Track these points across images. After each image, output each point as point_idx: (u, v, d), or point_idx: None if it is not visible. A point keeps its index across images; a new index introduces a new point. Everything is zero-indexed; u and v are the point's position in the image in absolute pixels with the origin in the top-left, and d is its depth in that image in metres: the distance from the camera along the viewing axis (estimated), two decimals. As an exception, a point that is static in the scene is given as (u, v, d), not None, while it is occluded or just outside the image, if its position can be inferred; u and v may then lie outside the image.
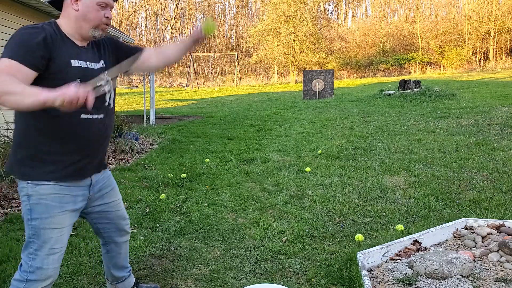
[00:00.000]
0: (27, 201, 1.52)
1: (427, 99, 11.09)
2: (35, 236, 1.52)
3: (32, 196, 1.52)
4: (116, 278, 2.05)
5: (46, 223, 1.53)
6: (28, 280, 1.53)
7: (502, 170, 4.46)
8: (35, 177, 1.52)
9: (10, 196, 3.94)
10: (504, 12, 28.25)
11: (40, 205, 1.52)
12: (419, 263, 2.15)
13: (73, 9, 1.54)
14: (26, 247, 1.55)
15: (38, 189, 1.52)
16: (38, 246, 1.53)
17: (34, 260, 1.53)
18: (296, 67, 29.77)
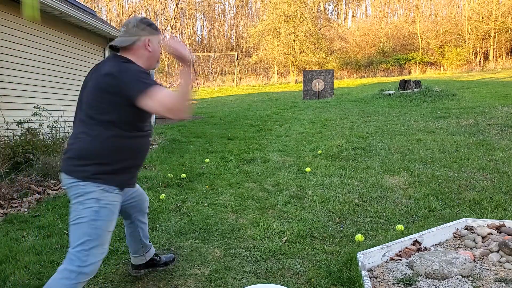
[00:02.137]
0: (96, 204, 1.70)
1: (427, 99, 11.09)
2: (95, 235, 1.71)
3: (101, 200, 1.72)
4: (145, 246, 2.36)
5: (107, 226, 1.75)
6: (81, 273, 1.68)
7: (502, 170, 4.46)
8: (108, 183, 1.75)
9: (10, 196, 3.94)
10: (504, 12, 28.24)
11: (106, 209, 1.74)
12: (419, 263, 2.15)
13: (146, 50, 1.88)
14: (82, 245, 1.69)
15: (108, 195, 1.74)
16: (96, 245, 1.71)
17: (89, 256, 1.69)
18: (296, 67, 29.75)
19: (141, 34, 1.86)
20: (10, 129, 5.25)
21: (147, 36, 1.87)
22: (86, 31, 7.72)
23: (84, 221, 1.69)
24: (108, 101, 1.68)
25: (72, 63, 7.35)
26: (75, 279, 1.67)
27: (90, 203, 1.69)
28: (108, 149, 1.73)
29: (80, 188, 1.70)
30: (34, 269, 2.47)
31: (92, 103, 1.71)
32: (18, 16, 5.96)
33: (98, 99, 1.70)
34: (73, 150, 1.75)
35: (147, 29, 1.88)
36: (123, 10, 39.18)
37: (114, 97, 1.67)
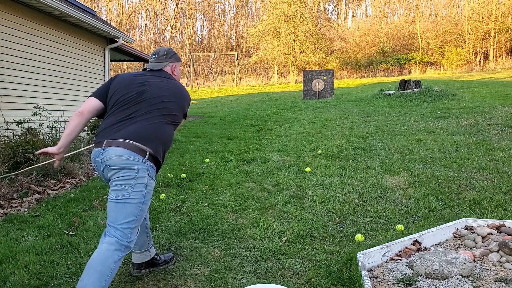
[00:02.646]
0: (144, 188, 1.99)
1: (427, 99, 11.09)
2: (139, 216, 1.99)
3: (148, 186, 2.01)
4: (150, 239, 2.44)
5: (146, 208, 2.04)
6: (128, 247, 1.96)
7: (502, 170, 4.46)
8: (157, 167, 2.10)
9: (10, 196, 3.94)
10: (504, 12, 28.24)
11: (149, 194, 2.03)
12: (419, 263, 2.15)
13: (173, 73, 2.37)
14: (129, 223, 1.94)
15: (152, 182, 2.05)
16: (137, 224, 2.00)
17: (132, 233, 1.97)
18: (296, 67, 29.76)
19: (169, 61, 2.35)
20: (10, 129, 5.26)
21: (174, 63, 2.37)
22: (86, 31, 7.72)
23: (134, 202, 1.95)
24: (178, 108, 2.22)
25: (72, 63, 7.35)
26: (124, 251, 1.94)
27: (140, 188, 1.96)
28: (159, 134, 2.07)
29: (133, 171, 1.94)
30: (34, 269, 2.47)
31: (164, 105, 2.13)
32: (18, 16, 5.96)
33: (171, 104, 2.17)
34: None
35: (174, 57, 2.36)
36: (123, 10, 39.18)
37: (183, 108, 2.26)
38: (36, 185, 4.32)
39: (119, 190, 1.94)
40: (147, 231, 2.40)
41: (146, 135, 2.00)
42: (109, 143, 1.97)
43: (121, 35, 8.53)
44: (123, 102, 2.11)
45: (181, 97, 2.24)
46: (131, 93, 2.13)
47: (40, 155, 2.43)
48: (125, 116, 2.06)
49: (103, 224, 3.28)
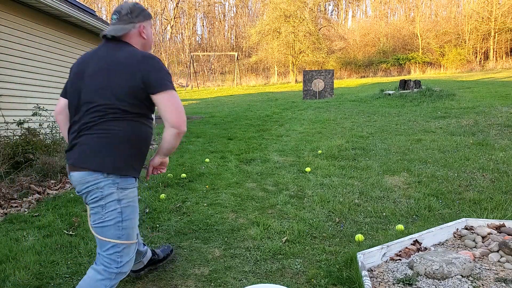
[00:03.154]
0: (118, 205, 1.68)
1: (427, 99, 11.09)
2: (125, 236, 1.71)
3: (122, 200, 1.69)
4: (141, 253, 2.22)
5: (133, 223, 1.75)
6: (120, 273, 1.73)
7: (502, 170, 4.46)
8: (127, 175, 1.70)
9: (10, 196, 3.94)
10: (504, 12, 28.25)
11: (129, 207, 1.72)
12: (419, 263, 2.15)
13: (141, 37, 1.85)
14: (114, 247, 1.70)
15: (127, 193, 1.71)
16: (127, 245, 1.73)
17: (122, 256, 1.72)
18: (296, 67, 29.77)
19: (136, 21, 1.82)
20: (10, 129, 5.26)
21: (141, 23, 1.84)
22: (86, 31, 7.72)
23: (111, 223, 1.68)
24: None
25: (72, 63, 7.35)
26: (115, 279, 1.72)
27: (113, 205, 1.67)
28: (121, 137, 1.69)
29: (98, 192, 1.66)
30: (34, 269, 2.47)
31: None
32: (18, 16, 5.96)
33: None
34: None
35: (141, 15, 1.84)
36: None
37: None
38: (36, 185, 4.32)
39: (94, 213, 1.71)
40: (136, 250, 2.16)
41: (96, 150, 1.65)
42: (69, 167, 1.73)
43: (121, 35, 8.53)
44: (70, 107, 1.78)
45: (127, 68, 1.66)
46: (73, 93, 1.75)
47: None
48: (73, 128, 1.75)
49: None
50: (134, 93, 1.66)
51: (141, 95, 1.68)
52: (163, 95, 1.66)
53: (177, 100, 1.69)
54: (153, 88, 1.66)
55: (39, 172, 4.59)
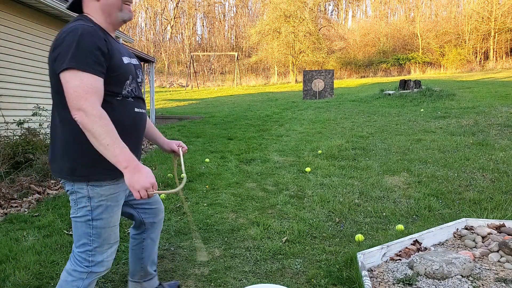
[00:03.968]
0: (87, 202, 1.52)
1: (427, 99, 11.10)
2: (95, 235, 1.55)
3: (93, 198, 1.52)
4: (147, 274, 2.03)
5: (107, 223, 1.57)
6: (92, 272, 1.58)
7: (502, 170, 4.46)
8: (95, 177, 1.50)
9: (10, 196, 3.94)
10: (504, 12, 28.25)
11: (102, 206, 1.54)
12: (419, 263, 2.15)
13: (95, 1, 1.51)
14: (84, 245, 1.56)
15: (99, 190, 1.52)
16: (99, 244, 1.57)
17: (94, 256, 1.58)
18: (296, 67, 29.78)
19: None
20: (10, 129, 5.26)
21: None
22: (86, 31, 7.72)
23: (82, 220, 1.54)
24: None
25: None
26: (88, 278, 1.59)
27: (83, 202, 1.52)
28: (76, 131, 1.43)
29: (69, 185, 1.53)
30: (34, 269, 2.47)
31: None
32: (18, 16, 5.96)
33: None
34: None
35: None
36: (123, 10, 39.13)
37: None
38: (36, 185, 4.32)
39: (71, 206, 1.58)
40: (141, 263, 1.99)
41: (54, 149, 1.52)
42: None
43: (120, 35, 8.53)
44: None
45: (50, 52, 1.42)
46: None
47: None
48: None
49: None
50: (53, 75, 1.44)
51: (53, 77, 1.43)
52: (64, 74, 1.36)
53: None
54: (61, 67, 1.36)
55: (39, 172, 4.59)
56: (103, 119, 1.34)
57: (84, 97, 1.32)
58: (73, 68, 1.33)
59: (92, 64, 1.36)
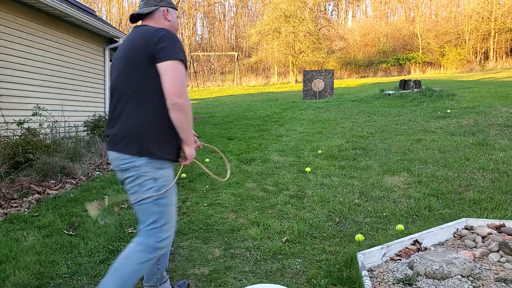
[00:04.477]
0: (154, 184, 1.73)
1: (427, 99, 11.09)
2: (163, 213, 1.77)
3: (158, 179, 1.73)
4: (162, 276, 2.06)
5: (170, 201, 1.80)
6: (157, 248, 1.77)
7: (502, 170, 4.46)
8: (161, 158, 1.74)
9: (10, 196, 3.94)
10: (504, 12, 28.23)
11: (165, 186, 1.76)
12: (419, 263, 2.15)
13: (166, 19, 1.91)
14: (153, 223, 1.75)
15: (162, 172, 1.75)
16: (165, 221, 1.78)
17: (161, 232, 1.77)
18: (296, 67, 29.76)
19: (160, 5, 1.91)
20: (10, 129, 5.25)
21: (166, 7, 1.93)
22: (86, 31, 7.72)
23: (149, 201, 1.73)
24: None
25: (72, 63, 7.35)
26: (152, 253, 1.75)
27: (149, 183, 1.72)
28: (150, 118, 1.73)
29: (134, 171, 1.72)
30: (34, 269, 2.47)
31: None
32: (18, 16, 5.96)
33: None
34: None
35: (164, 1, 1.94)
36: (123, 10, 39.17)
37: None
38: (36, 185, 4.32)
39: (132, 193, 1.76)
40: (158, 263, 2.01)
41: (130, 133, 1.72)
42: (108, 144, 1.80)
43: (121, 35, 8.53)
44: (110, 95, 1.86)
45: (138, 47, 1.72)
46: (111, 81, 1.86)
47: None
48: (111, 112, 1.83)
49: (103, 224, 3.28)
50: (143, 71, 1.73)
51: (147, 70, 1.72)
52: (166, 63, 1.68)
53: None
54: (164, 54, 1.68)
55: (39, 172, 4.59)
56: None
57: (184, 84, 1.68)
58: (182, 60, 1.68)
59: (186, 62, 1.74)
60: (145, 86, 1.70)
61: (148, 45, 1.68)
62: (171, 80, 1.64)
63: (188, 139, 1.76)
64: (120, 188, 4.40)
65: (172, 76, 1.64)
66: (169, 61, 1.65)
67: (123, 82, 1.74)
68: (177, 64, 1.66)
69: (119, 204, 3.84)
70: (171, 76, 1.64)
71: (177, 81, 1.65)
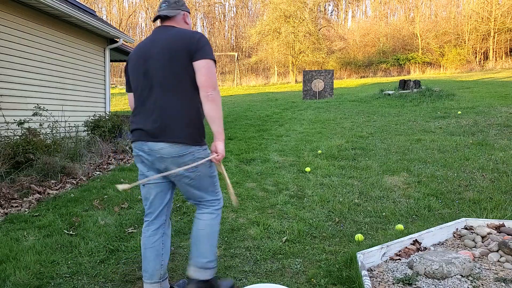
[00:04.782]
0: (209, 161, 2.04)
1: (427, 99, 11.10)
2: (215, 181, 2.13)
3: (206, 157, 2.03)
4: (165, 272, 2.11)
5: (216, 172, 2.16)
6: (221, 207, 2.17)
7: (501, 170, 4.47)
8: (205, 142, 2.09)
9: (10, 196, 3.94)
10: (504, 12, 28.24)
11: (210, 161, 2.06)
12: (419, 263, 2.15)
13: (185, 22, 2.15)
14: (212, 191, 2.11)
15: (207, 152, 2.07)
16: (217, 186, 2.16)
17: (218, 194, 2.15)
18: (296, 67, 29.76)
19: (181, 9, 2.13)
20: (11, 129, 5.26)
21: (185, 11, 2.15)
22: (86, 31, 7.73)
23: (205, 175, 2.05)
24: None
25: (72, 63, 7.36)
26: (219, 214, 2.15)
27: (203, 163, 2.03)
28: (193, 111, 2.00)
29: (190, 155, 1.97)
30: (34, 268, 2.48)
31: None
32: (18, 16, 5.96)
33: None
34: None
35: (184, 6, 2.17)
36: (123, 10, 39.17)
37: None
38: (37, 185, 4.32)
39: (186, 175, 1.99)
40: (162, 258, 2.07)
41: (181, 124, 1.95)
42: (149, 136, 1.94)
43: (121, 35, 8.54)
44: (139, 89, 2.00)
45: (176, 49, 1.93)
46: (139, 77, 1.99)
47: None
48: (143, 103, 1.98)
49: (103, 223, 3.29)
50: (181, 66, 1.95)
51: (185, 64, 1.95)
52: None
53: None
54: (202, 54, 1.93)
55: (40, 172, 4.59)
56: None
57: (216, 79, 1.95)
58: (214, 60, 1.95)
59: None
60: (185, 80, 1.93)
61: (188, 45, 1.91)
62: (206, 75, 1.90)
63: (219, 133, 2.01)
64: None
65: (207, 71, 1.91)
66: (204, 59, 1.91)
67: (164, 75, 1.92)
68: (211, 63, 1.93)
69: (119, 204, 3.85)
70: (206, 71, 1.91)
71: (211, 76, 1.91)
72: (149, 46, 1.98)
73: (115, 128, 6.80)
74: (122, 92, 21.92)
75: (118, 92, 22.38)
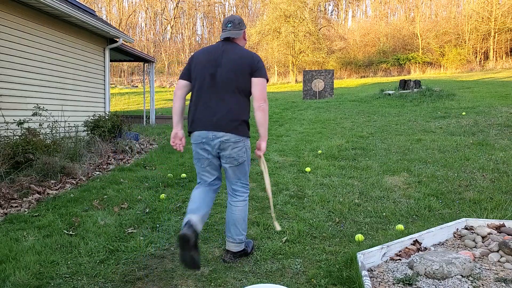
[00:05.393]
0: (248, 151, 2.59)
1: (427, 99, 11.10)
2: (248, 170, 2.65)
3: (248, 148, 2.59)
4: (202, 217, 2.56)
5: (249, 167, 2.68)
6: (248, 193, 2.67)
7: (502, 170, 4.46)
8: (249, 135, 2.61)
9: (10, 196, 3.94)
10: (504, 12, 28.23)
11: (249, 152, 2.61)
12: (419, 263, 2.15)
13: (245, 40, 2.68)
14: (246, 177, 2.64)
15: (249, 143, 2.61)
16: (248, 176, 2.67)
17: (248, 182, 2.67)
18: (296, 67, 29.77)
19: (242, 28, 2.60)
20: (10, 129, 5.25)
21: (244, 29, 2.63)
22: (86, 31, 7.72)
23: (246, 163, 2.60)
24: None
25: (72, 63, 7.35)
26: (248, 200, 2.65)
27: (246, 151, 2.57)
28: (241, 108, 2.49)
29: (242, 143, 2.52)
30: (34, 269, 2.47)
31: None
32: (18, 16, 5.96)
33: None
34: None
35: (243, 24, 2.62)
36: (123, 10, 39.17)
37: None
38: (36, 185, 4.32)
39: (232, 158, 2.50)
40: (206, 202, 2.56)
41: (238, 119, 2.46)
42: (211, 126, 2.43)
43: (121, 35, 8.53)
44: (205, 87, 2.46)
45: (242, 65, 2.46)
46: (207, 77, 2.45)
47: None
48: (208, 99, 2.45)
49: (103, 224, 3.28)
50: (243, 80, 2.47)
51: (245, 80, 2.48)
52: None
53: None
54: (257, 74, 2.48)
55: (39, 172, 4.59)
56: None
57: (266, 94, 2.53)
58: (267, 79, 2.53)
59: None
60: (245, 89, 2.47)
61: (251, 63, 2.45)
62: (260, 90, 2.46)
63: (265, 135, 2.59)
64: (120, 188, 4.40)
65: (261, 87, 2.46)
66: (261, 78, 2.47)
67: (232, 81, 2.43)
68: (265, 81, 2.50)
69: (119, 204, 3.85)
70: (260, 87, 2.46)
71: (263, 91, 2.47)
72: (219, 55, 2.47)
73: (115, 128, 6.80)
74: (122, 92, 21.92)
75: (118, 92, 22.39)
